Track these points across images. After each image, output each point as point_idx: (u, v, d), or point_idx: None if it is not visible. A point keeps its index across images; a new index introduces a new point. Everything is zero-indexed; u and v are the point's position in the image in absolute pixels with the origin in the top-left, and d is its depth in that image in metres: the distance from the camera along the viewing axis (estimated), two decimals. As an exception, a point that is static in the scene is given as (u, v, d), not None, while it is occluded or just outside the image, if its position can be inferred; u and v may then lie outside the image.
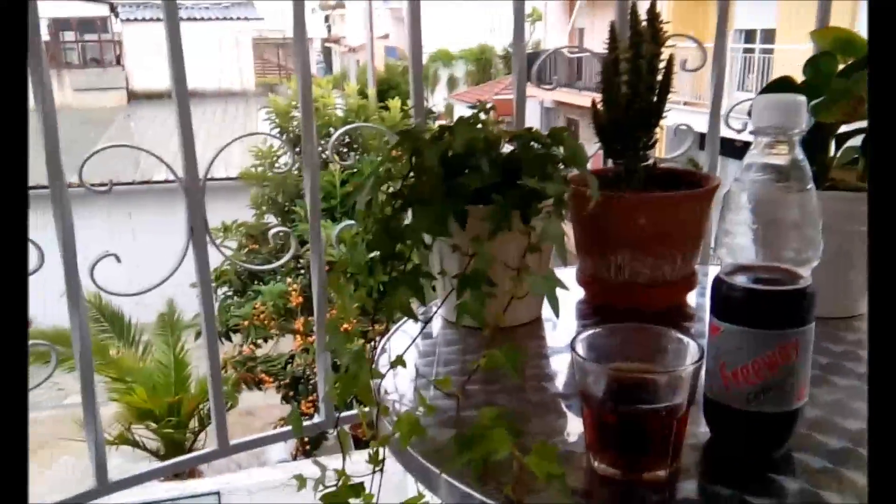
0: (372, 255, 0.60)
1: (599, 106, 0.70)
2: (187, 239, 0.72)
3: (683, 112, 6.81)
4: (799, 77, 0.66)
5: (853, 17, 6.73)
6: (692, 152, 1.02)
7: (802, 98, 0.43)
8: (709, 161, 0.95)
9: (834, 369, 0.59)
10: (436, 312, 0.73)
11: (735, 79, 8.43)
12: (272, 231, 0.82)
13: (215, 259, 0.82)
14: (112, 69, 10.98)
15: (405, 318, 0.63)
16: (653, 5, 0.66)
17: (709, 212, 0.71)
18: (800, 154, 0.44)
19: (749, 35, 8.69)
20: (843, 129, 0.65)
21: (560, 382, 0.61)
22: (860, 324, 0.68)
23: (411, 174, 0.64)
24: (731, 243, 0.46)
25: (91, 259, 0.70)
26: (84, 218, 0.72)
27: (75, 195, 0.72)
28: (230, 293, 4.62)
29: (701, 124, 1.02)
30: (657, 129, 0.72)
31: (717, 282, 0.46)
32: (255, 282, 4.54)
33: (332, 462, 0.56)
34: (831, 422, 0.51)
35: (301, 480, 0.53)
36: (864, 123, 0.63)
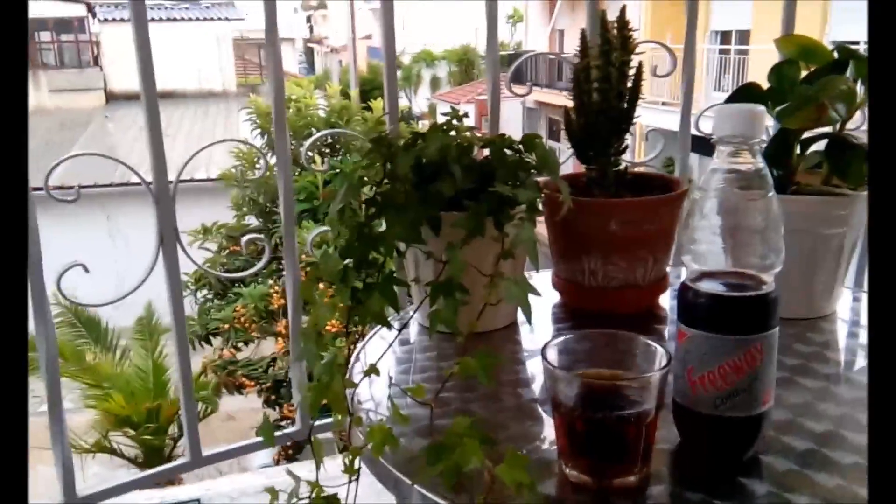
0: (346, 262, 0.60)
1: (571, 113, 0.70)
2: (156, 248, 0.71)
3: (662, 113, 6.88)
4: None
5: (823, 22, 6.88)
6: (673, 152, 1.03)
7: (762, 108, 0.44)
8: (679, 164, 0.96)
9: (801, 371, 0.60)
10: (411, 317, 0.73)
11: (711, 79, 8.56)
12: (245, 238, 0.81)
13: (197, 259, 0.81)
14: (90, 70, 10.78)
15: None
16: (622, 13, 0.66)
17: (679, 215, 0.72)
18: (761, 162, 0.45)
19: (724, 36, 8.83)
20: (808, 134, 0.66)
21: (535, 387, 0.61)
22: (827, 325, 0.70)
23: (385, 181, 0.63)
24: (696, 250, 0.47)
25: (62, 267, 0.69)
26: (60, 222, 0.70)
27: (49, 199, 0.70)
28: (210, 296, 4.56)
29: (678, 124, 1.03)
30: (629, 134, 0.73)
31: (683, 288, 0.47)
32: (236, 284, 4.49)
33: (313, 466, 0.55)
34: (798, 424, 0.52)
35: (273, 493, 0.52)
36: (827, 129, 0.65)
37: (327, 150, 4.69)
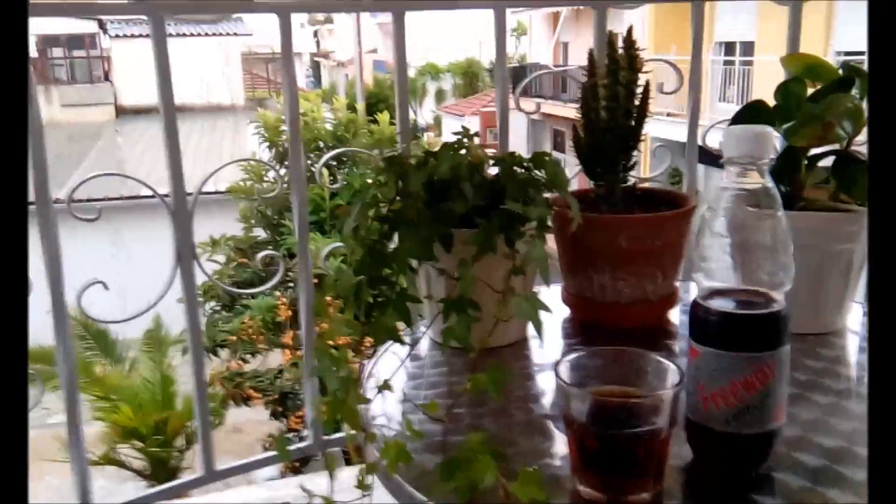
0: (359, 278, 0.61)
1: (580, 130, 0.71)
2: (174, 264, 0.72)
3: (668, 124, 6.89)
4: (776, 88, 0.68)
5: (827, 32, 6.88)
6: (676, 162, 1.04)
7: (770, 129, 0.45)
8: (687, 180, 0.97)
9: (811, 386, 0.60)
10: (424, 334, 0.74)
11: (716, 91, 8.58)
12: (261, 255, 0.82)
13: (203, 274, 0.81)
14: (101, 85, 10.95)
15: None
16: (629, 33, 0.68)
17: (688, 231, 0.73)
18: (770, 181, 0.46)
19: (729, 47, 8.86)
20: (815, 150, 0.67)
21: (546, 402, 0.62)
22: (837, 339, 0.70)
23: (397, 198, 0.65)
24: (707, 267, 0.47)
25: (76, 281, 0.70)
26: (68, 234, 0.71)
27: (58, 210, 0.70)
28: (218, 308, 4.58)
29: (683, 135, 1.04)
30: (637, 150, 0.74)
31: (694, 306, 0.48)
32: (244, 296, 4.51)
33: (320, 480, 0.55)
34: (810, 440, 0.52)
35: (289, 507, 0.53)
36: (834, 146, 0.65)
37: (334, 163, 4.72)
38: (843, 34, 6.80)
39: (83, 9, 0.76)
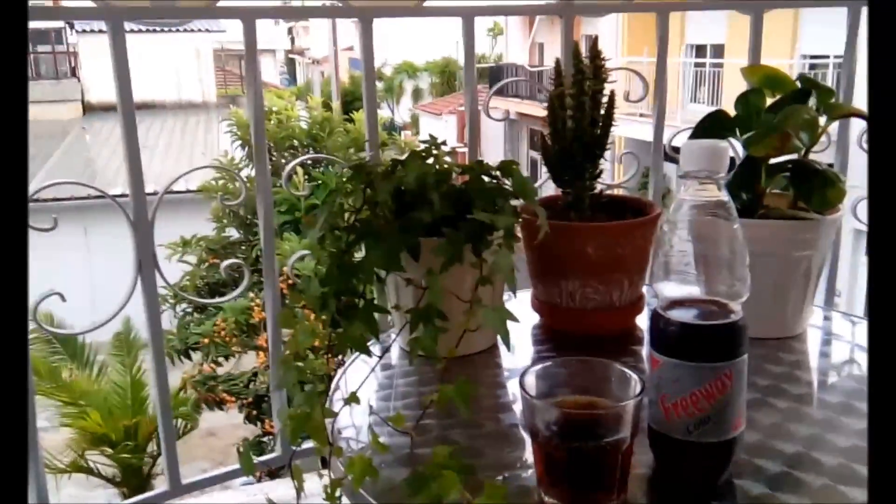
0: (326, 289, 0.60)
1: (547, 139, 0.72)
2: (135, 274, 0.71)
3: (641, 124, 6.99)
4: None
5: (793, 37, 7.05)
6: (649, 162, 1.06)
7: (726, 144, 0.46)
8: (652, 186, 0.99)
9: (773, 391, 0.62)
10: (393, 342, 0.73)
11: (688, 92, 8.75)
12: (225, 264, 0.80)
13: (176, 273, 0.80)
14: (66, 81, 10.64)
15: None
16: (594, 43, 0.68)
17: (653, 238, 0.74)
18: (725, 195, 0.47)
19: (700, 50, 9.05)
20: (775, 159, 0.68)
21: (516, 410, 0.62)
22: (798, 344, 0.72)
23: (364, 207, 0.64)
24: (667, 278, 0.48)
25: (47, 283, 0.67)
26: (34, 233, 0.69)
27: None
28: (189, 310, 4.50)
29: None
30: (605, 157, 0.74)
31: (655, 316, 0.48)
32: (216, 297, 4.43)
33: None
34: (770, 446, 0.53)
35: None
36: (793, 156, 0.67)
37: (310, 163, 4.67)
38: (809, 39, 6.99)
39: (41, 14, 0.74)
